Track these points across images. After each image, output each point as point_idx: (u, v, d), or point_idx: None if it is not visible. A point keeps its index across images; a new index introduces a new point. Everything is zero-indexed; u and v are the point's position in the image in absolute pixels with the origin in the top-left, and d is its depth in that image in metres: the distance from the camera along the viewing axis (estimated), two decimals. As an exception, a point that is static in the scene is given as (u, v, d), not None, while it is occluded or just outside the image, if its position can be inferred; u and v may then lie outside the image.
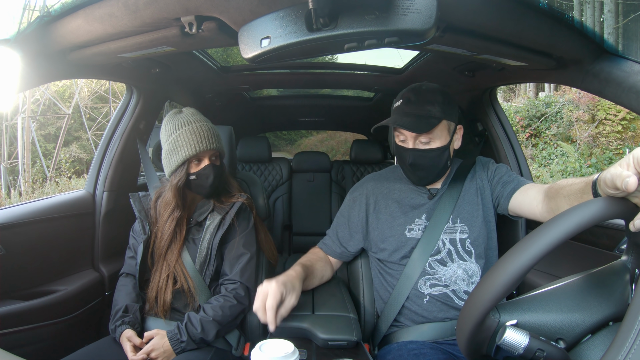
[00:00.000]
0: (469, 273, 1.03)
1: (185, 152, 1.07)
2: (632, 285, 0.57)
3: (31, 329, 1.11)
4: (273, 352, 0.64)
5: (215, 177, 1.12)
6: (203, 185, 1.12)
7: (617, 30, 0.81)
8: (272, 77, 2.02)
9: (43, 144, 9.14)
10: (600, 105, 6.65)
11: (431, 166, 1.05)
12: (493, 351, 0.57)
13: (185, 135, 1.08)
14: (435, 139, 1.03)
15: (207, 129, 1.11)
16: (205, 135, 1.09)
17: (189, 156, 1.08)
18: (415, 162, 1.04)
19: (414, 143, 1.04)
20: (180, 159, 1.08)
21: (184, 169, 1.10)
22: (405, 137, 1.05)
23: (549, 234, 0.50)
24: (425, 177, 1.08)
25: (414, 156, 1.04)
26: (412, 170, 1.07)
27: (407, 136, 1.04)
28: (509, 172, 1.11)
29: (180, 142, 1.08)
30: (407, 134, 1.04)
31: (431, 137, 1.03)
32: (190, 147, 1.07)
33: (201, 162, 1.11)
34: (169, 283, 1.09)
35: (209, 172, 1.11)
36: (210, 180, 1.11)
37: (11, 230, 1.15)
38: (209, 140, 1.09)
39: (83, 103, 9.53)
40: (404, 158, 1.07)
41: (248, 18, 0.69)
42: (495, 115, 1.52)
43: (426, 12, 0.59)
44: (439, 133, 1.03)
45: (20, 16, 0.83)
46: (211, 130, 1.12)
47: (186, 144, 1.08)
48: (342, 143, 10.46)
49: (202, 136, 1.09)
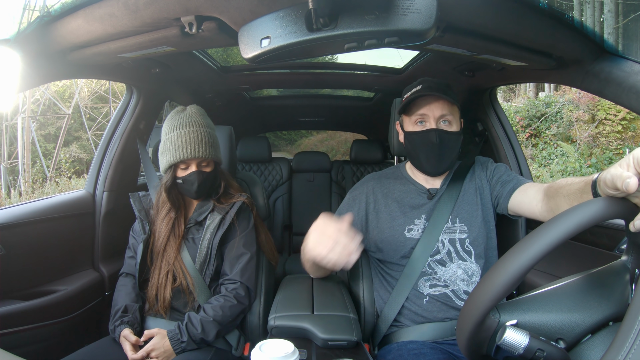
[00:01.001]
0: (468, 273, 1.03)
1: (171, 156, 1.08)
2: (632, 285, 0.57)
3: (31, 329, 1.11)
4: (273, 352, 0.64)
5: (200, 183, 1.11)
6: (189, 190, 1.12)
7: (617, 30, 0.81)
8: (272, 77, 2.02)
9: (43, 144, 9.14)
10: (600, 105, 6.65)
11: (452, 149, 1.06)
12: (493, 351, 0.57)
13: (175, 139, 1.08)
14: (454, 122, 1.05)
15: (198, 135, 1.08)
16: (192, 143, 1.07)
17: (175, 161, 1.08)
18: (442, 141, 1.03)
19: (437, 123, 1.04)
20: (168, 162, 1.09)
21: (171, 171, 1.11)
22: (425, 119, 1.05)
23: (549, 234, 0.50)
24: (445, 160, 1.07)
25: (439, 135, 1.03)
26: (436, 151, 1.04)
27: (429, 116, 1.04)
28: (508, 171, 1.11)
29: (170, 146, 1.08)
30: (429, 114, 1.04)
31: (451, 119, 1.05)
32: (177, 153, 1.07)
33: (188, 168, 1.11)
34: (168, 280, 1.09)
35: (194, 179, 1.10)
36: (195, 187, 1.11)
37: (11, 230, 1.15)
38: (195, 149, 1.07)
39: (83, 103, 9.52)
40: (427, 139, 1.04)
41: (248, 18, 0.69)
42: (495, 115, 1.52)
43: (426, 12, 0.59)
44: (456, 117, 1.06)
45: (20, 16, 0.83)
46: (205, 136, 1.10)
47: (173, 148, 1.08)
48: (342, 143, 10.45)
49: (189, 144, 1.07)
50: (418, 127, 1.07)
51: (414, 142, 1.08)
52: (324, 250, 0.76)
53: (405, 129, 1.12)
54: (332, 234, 0.77)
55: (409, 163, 1.18)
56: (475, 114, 1.58)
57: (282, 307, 1.00)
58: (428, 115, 1.05)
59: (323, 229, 0.79)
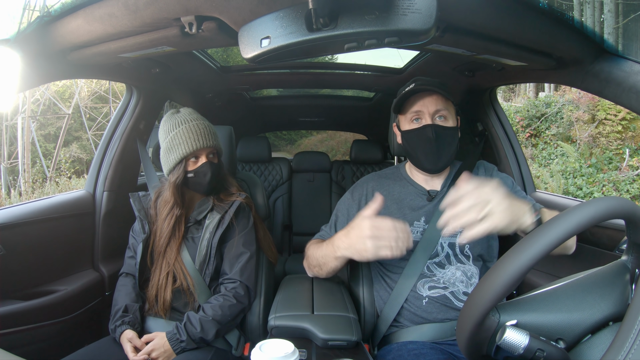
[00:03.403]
0: (467, 275, 1.02)
1: (182, 150, 1.09)
2: (632, 285, 0.57)
3: (31, 329, 1.11)
4: (273, 352, 0.64)
5: (212, 174, 1.12)
6: (201, 182, 1.13)
7: (617, 30, 0.81)
8: (272, 77, 2.02)
9: (43, 144, 9.14)
10: (600, 105, 6.64)
11: (449, 144, 1.05)
12: (493, 351, 0.57)
13: (183, 133, 1.09)
14: (449, 117, 1.05)
15: (203, 127, 1.12)
16: (201, 133, 1.10)
17: (187, 154, 1.09)
18: (438, 136, 1.03)
19: (432, 118, 1.04)
20: (178, 157, 1.09)
21: (181, 166, 1.11)
22: (421, 116, 1.05)
23: (549, 235, 0.50)
24: (443, 156, 1.06)
25: (436, 130, 1.03)
26: (434, 147, 1.04)
27: (424, 112, 1.04)
28: (516, 188, 1.11)
29: (178, 140, 1.09)
30: (424, 110, 1.04)
31: (447, 114, 1.05)
32: (187, 145, 1.09)
33: (198, 160, 1.12)
34: (168, 281, 1.09)
35: (207, 170, 1.11)
36: (208, 178, 1.12)
37: (11, 230, 1.15)
38: (205, 138, 1.10)
39: (83, 103, 9.52)
40: (423, 135, 1.04)
41: (248, 18, 0.68)
42: (495, 115, 1.52)
43: (426, 12, 0.59)
44: (452, 112, 1.06)
45: (20, 16, 0.83)
46: (208, 128, 1.13)
47: (183, 142, 1.09)
48: (342, 143, 10.44)
49: (199, 134, 1.10)
50: (414, 124, 1.06)
51: (411, 140, 1.07)
52: (389, 252, 0.82)
53: (401, 128, 1.11)
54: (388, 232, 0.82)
55: (408, 163, 1.17)
56: (475, 114, 1.58)
57: (282, 307, 1.00)
58: (423, 112, 1.04)
59: (376, 233, 0.83)
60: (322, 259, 1.04)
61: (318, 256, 1.05)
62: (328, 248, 1.01)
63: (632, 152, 6.00)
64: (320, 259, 1.05)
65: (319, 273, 1.11)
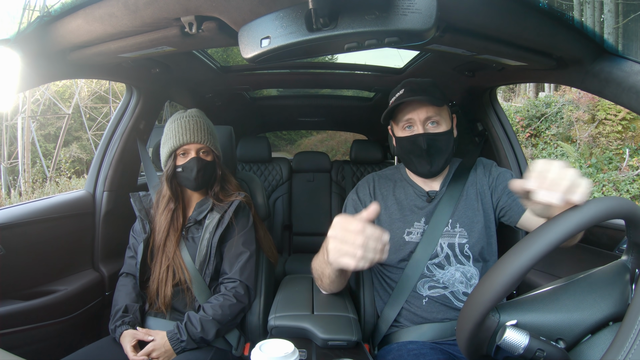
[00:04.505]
0: (467, 276, 1.02)
1: (171, 143, 1.11)
2: (632, 285, 0.57)
3: (31, 329, 1.11)
4: (273, 352, 0.64)
5: (199, 170, 1.13)
6: (188, 177, 1.13)
7: (617, 30, 0.81)
8: (272, 77, 2.02)
9: (43, 144, 9.13)
10: (600, 105, 6.64)
11: (443, 150, 1.05)
12: (493, 351, 0.57)
13: (174, 127, 1.12)
14: (442, 121, 1.04)
15: (194, 123, 1.13)
16: (191, 129, 1.12)
17: (174, 147, 1.11)
18: (430, 146, 1.02)
19: (424, 127, 1.03)
20: (168, 151, 1.12)
21: (171, 160, 1.13)
22: (412, 123, 1.04)
23: (549, 235, 0.50)
24: (437, 163, 1.05)
25: (427, 140, 1.02)
26: (425, 156, 1.04)
27: (415, 120, 1.03)
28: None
29: (169, 135, 1.13)
30: (415, 118, 1.03)
31: (439, 120, 1.03)
32: (176, 139, 1.11)
33: (187, 155, 1.13)
34: (169, 276, 1.10)
35: (193, 165, 1.12)
36: (194, 174, 1.12)
37: (11, 230, 1.15)
38: (193, 134, 1.12)
39: (83, 103, 9.52)
40: (415, 144, 1.04)
41: (248, 18, 0.69)
42: (496, 115, 1.52)
43: (426, 12, 0.59)
44: (445, 116, 1.05)
45: (20, 16, 0.83)
46: (200, 125, 1.14)
47: (173, 136, 1.12)
48: (342, 143, 10.45)
49: (188, 129, 1.11)
50: (406, 132, 1.06)
51: (404, 148, 1.08)
52: (351, 260, 0.65)
53: (395, 134, 1.11)
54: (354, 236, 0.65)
55: (408, 164, 1.17)
56: (475, 114, 1.58)
57: (282, 307, 1.00)
58: (414, 119, 1.04)
59: (340, 234, 0.67)
60: (319, 267, 0.94)
61: (316, 266, 0.96)
62: (322, 253, 0.89)
63: (632, 152, 6.00)
64: (318, 268, 0.95)
65: (321, 286, 1.02)
